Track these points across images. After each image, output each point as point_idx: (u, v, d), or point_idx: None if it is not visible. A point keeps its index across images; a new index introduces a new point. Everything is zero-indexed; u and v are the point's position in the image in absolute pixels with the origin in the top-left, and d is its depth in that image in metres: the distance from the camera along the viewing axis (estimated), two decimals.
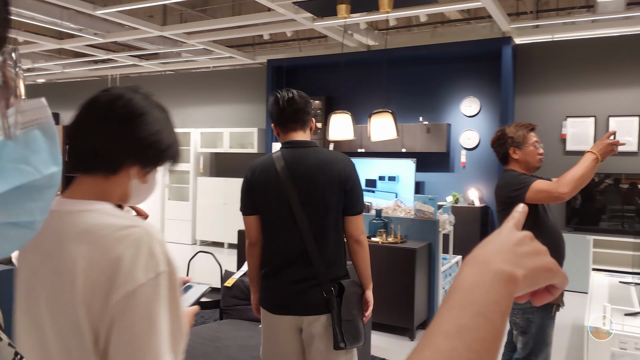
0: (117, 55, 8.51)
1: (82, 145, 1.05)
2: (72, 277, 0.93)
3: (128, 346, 0.92)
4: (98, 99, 1.08)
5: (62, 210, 0.99)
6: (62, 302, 0.95)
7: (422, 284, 4.70)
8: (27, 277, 1.03)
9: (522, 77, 7.02)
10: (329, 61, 7.74)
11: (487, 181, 7.21)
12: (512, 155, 2.69)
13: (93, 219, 0.98)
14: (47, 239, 0.98)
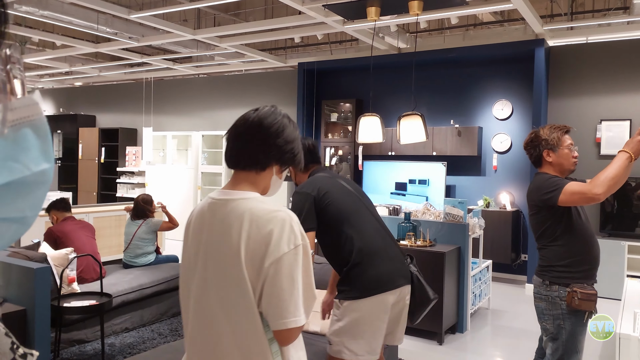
0: (152, 59, 8.70)
1: (241, 150, 1.45)
2: (237, 247, 1.33)
3: (275, 296, 1.31)
4: (250, 116, 1.47)
5: (227, 198, 1.41)
6: (230, 265, 1.34)
7: (451, 288, 4.66)
8: (197, 246, 1.43)
9: (555, 80, 6.89)
10: (359, 64, 7.75)
11: (519, 185, 7.08)
12: (545, 158, 2.63)
13: (250, 205, 1.38)
14: (218, 219, 1.39)
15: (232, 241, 1.35)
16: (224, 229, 1.37)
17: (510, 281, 6.95)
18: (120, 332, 4.34)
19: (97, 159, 10.90)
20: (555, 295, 2.56)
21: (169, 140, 9.75)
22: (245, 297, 1.33)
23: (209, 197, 1.49)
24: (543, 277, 2.63)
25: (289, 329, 1.33)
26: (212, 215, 1.42)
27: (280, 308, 1.32)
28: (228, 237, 1.36)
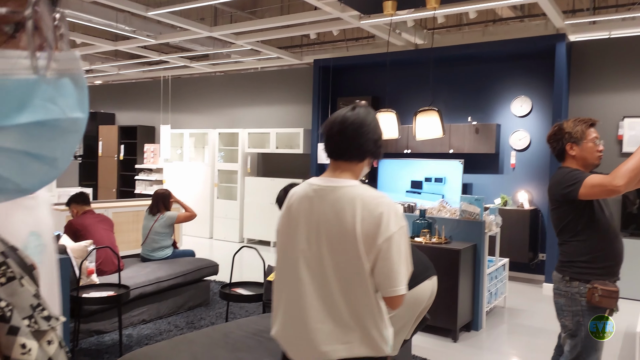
0: (169, 57, 8.79)
1: (346, 144, 1.68)
2: (353, 227, 1.58)
3: (388, 268, 1.58)
4: (350, 116, 1.70)
5: (335, 185, 1.65)
6: (347, 242, 1.59)
7: (466, 286, 4.62)
8: (307, 226, 1.67)
9: (576, 76, 6.78)
10: (375, 60, 7.72)
11: (537, 183, 7.00)
12: (568, 152, 2.58)
13: (358, 191, 1.63)
14: (329, 203, 1.64)
15: (347, 222, 1.59)
16: (337, 211, 1.62)
17: (528, 280, 6.87)
18: (137, 323, 4.40)
19: (117, 156, 11.05)
20: (575, 291, 2.52)
21: (186, 138, 9.83)
22: (360, 269, 1.59)
23: (310, 184, 1.72)
24: (563, 272, 2.58)
25: (398, 296, 1.61)
26: (321, 200, 1.66)
27: (391, 278, 1.59)
28: (343, 218, 1.60)
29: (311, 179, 1.75)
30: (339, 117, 1.72)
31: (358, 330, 1.62)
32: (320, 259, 1.64)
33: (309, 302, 1.65)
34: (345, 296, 1.62)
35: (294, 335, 1.70)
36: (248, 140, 9.26)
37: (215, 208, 9.51)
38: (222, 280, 5.71)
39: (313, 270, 1.65)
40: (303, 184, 1.76)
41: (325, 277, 1.63)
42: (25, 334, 0.44)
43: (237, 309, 4.98)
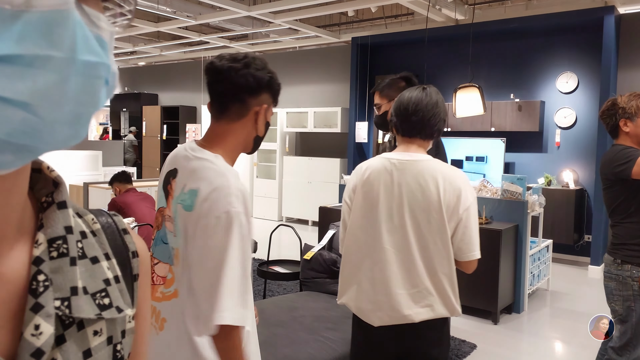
0: (209, 37, 8.85)
1: (420, 123, 1.80)
2: (438, 198, 1.73)
3: (468, 235, 1.75)
4: (423, 97, 1.81)
5: (414, 159, 1.79)
6: (432, 211, 1.74)
7: (507, 267, 4.53)
8: (389, 197, 1.78)
9: (625, 50, 6.45)
10: (414, 37, 7.55)
11: (584, 162, 6.74)
12: (622, 128, 2.45)
13: (437, 165, 1.78)
14: (411, 175, 1.76)
15: (432, 193, 1.73)
16: (421, 183, 1.75)
17: (572, 262, 6.68)
18: None
19: (159, 136, 11.29)
20: (627, 275, 2.42)
21: None
22: (444, 236, 1.74)
23: (386, 158, 1.83)
24: (615, 255, 2.47)
25: (474, 260, 1.79)
26: (403, 173, 1.78)
27: (470, 244, 1.76)
28: (427, 190, 1.74)
29: (385, 154, 1.88)
30: (413, 97, 1.81)
31: (436, 294, 1.76)
32: (404, 228, 1.76)
33: (392, 269, 1.76)
34: (427, 263, 1.75)
35: (375, 301, 1.79)
36: (286, 119, 9.28)
37: (255, 187, 9.62)
38: (260, 258, 5.79)
39: (396, 240, 1.77)
40: (376, 159, 1.87)
41: (409, 246, 1.76)
42: (46, 315, 0.42)
43: (274, 287, 5.04)
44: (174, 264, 1.34)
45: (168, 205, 1.37)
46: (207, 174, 1.28)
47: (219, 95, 1.37)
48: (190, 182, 1.30)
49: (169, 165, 1.41)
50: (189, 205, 1.27)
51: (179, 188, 1.32)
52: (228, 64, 1.34)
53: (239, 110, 1.37)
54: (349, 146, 8.37)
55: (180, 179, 1.34)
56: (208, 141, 1.39)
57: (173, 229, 1.35)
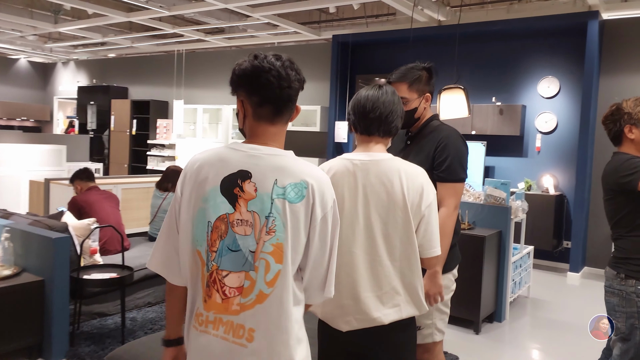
0: (183, 30, 8.51)
1: (378, 121, 1.80)
2: (402, 196, 1.72)
3: (430, 232, 1.77)
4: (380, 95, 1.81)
5: (376, 159, 1.77)
6: (397, 209, 1.73)
7: (490, 275, 4.37)
8: (354, 198, 1.76)
9: (608, 56, 6.40)
10: (396, 37, 7.38)
11: (564, 168, 6.66)
12: (627, 135, 2.30)
13: (399, 163, 1.78)
14: (374, 175, 1.75)
15: (396, 192, 1.73)
16: (385, 183, 1.74)
17: (551, 269, 6.59)
18: (142, 306, 4.23)
19: (129, 131, 10.87)
20: (631, 290, 2.26)
21: (199, 114, 9.61)
22: (410, 234, 1.75)
23: (348, 159, 1.81)
24: (618, 269, 2.31)
25: (436, 256, 1.81)
26: (366, 173, 1.76)
27: (431, 240, 1.78)
28: (391, 189, 1.73)
29: (346, 154, 1.84)
30: (370, 95, 1.81)
31: (404, 293, 1.76)
32: (370, 229, 1.74)
33: (359, 272, 1.74)
34: (394, 262, 1.75)
35: (342, 306, 1.76)
36: None
37: None
38: None
39: (363, 242, 1.75)
40: (337, 160, 1.84)
41: (376, 247, 1.74)
42: None
43: None
44: (253, 268, 1.32)
45: (237, 209, 1.33)
46: (302, 167, 1.37)
47: (278, 100, 1.39)
48: (284, 177, 1.34)
49: (224, 169, 1.36)
50: (296, 197, 1.33)
51: (267, 185, 1.33)
52: (288, 70, 1.40)
53: (289, 112, 1.44)
54: (329, 146, 8.16)
55: (262, 177, 1.34)
56: (263, 141, 1.40)
57: (255, 230, 1.33)
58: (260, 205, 1.33)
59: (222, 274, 1.34)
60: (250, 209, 1.33)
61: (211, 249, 1.34)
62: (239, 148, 1.38)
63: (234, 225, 1.34)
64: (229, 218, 1.34)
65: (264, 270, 1.32)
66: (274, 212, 1.32)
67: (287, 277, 1.33)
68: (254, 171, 1.34)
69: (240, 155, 1.36)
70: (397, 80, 2.25)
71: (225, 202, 1.34)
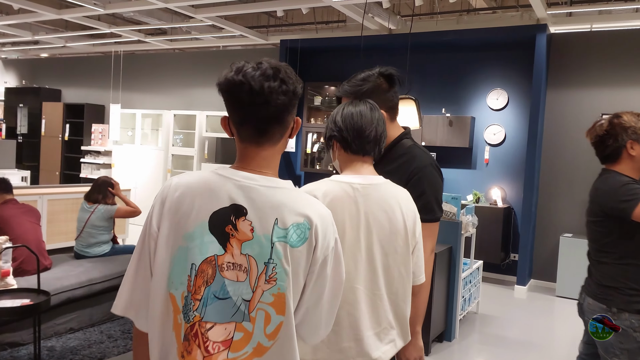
0: (120, 29, 8.01)
1: (374, 140, 1.63)
2: (403, 224, 1.60)
3: (420, 258, 1.68)
4: (366, 111, 1.63)
5: (376, 183, 1.60)
6: (397, 240, 1.59)
7: (440, 293, 4.20)
8: (356, 227, 1.54)
9: (555, 70, 6.45)
10: (347, 44, 7.20)
11: (511, 180, 6.65)
12: (628, 151, 2.11)
13: (394, 187, 1.64)
14: (374, 201, 1.57)
15: (398, 220, 1.58)
16: (386, 210, 1.58)
17: (499, 282, 6.54)
18: (64, 333, 3.78)
19: (61, 136, 10.17)
20: (627, 325, 2.04)
21: (138, 119, 9.08)
22: (407, 263, 1.62)
23: (347, 183, 1.57)
24: (607, 302, 2.09)
25: (424, 283, 1.72)
26: (367, 199, 1.57)
27: (421, 267, 1.68)
28: (393, 217, 1.58)
29: (336, 177, 1.62)
30: (363, 112, 1.62)
31: (397, 326, 1.64)
32: (372, 262, 1.58)
33: (361, 309, 1.57)
34: (391, 295, 1.61)
35: (342, 349, 1.57)
36: (206, 123, 8.60)
37: None
38: None
39: (364, 275, 1.58)
40: (332, 183, 1.59)
41: (377, 280, 1.59)
42: None
43: None
44: (248, 319, 1.15)
45: (229, 250, 1.14)
46: (303, 202, 1.21)
47: (259, 120, 1.19)
48: (285, 216, 1.16)
49: (213, 201, 1.16)
50: (299, 240, 1.17)
51: (267, 226, 1.15)
52: (266, 83, 1.17)
53: (280, 131, 1.23)
54: None
55: (260, 215, 1.16)
56: (257, 167, 1.23)
57: (250, 276, 1.15)
58: (259, 249, 1.15)
59: (205, 327, 1.15)
60: (245, 251, 1.15)
61: (194, 297, 1.15)
62: (230, 175, 1.19)
63: (224, 270, 1.15)
64: (217, 260, 1.15)
65: (263, 322, 1.15)
66: (275, 257, 1.15)
67: (290, 328, 1.18)
68: (250, 207, 1.16)
69: (231, 185, 1.17)
70: (349, 95, 1.87)
71: (215, 241, 1.15)
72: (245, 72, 1.17)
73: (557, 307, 5.73)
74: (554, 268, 6.18)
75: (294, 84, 1.22)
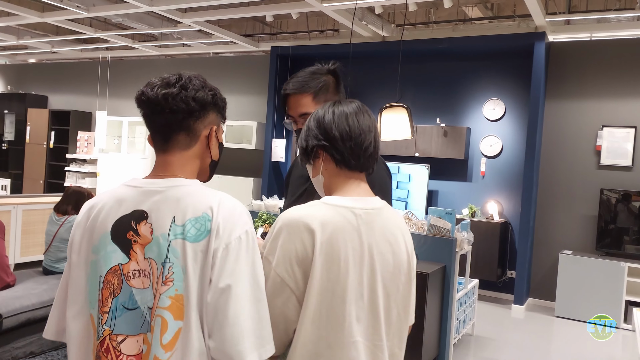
0: (107, 34, 7.77)
1: (375, 153, 1.37)
2: (408, 258, 1.33)
3: (413, 290, 1.40)
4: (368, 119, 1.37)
5: (378, 206, 1.30)
6: (400, 277, 1.31)
7: (433, 314, 3.92)
8: (359, 264, 1.22)
9: (553, 80, 6.22)
10: (339, 51, 6.97)
11: (508, 194, 6.40)
12: None
13: (392, 211, 1.38)
14: (377, 231, 1.26)
15: (402, 253, 1.32)
16: (391, 241, 1.30)
17: (495, 300, 6.26)
18: (23, 357, 3.48)
19: (46, 143, 9.89)
20: None
21: (125, 127, 8.83)
22: (407, 303, 1.35)
23: (343, 207, 1.25)
24: None
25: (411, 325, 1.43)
26: (370, 229, 1.26)
27: (413, 306, 1.40)
28: (397, 249, 1.31)
29: (337, 199, 1.27)
30: (361, 120, 1.33)
31: None
32: (375, 307, 1.27)
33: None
34: (388, 342, 1.31)
35: None
36: None
37: None
38: None
39: (366, 324, 1.26)
40: (328, 209, 1.24)
41: (378, 329, 1.28)
42: None
43: None
44: (149, 327, 1.09)
45: (132, 257, 1.12)
46: (207, 197, 1.14)
47: (160, 127, 1.20)
48: (184, 212, 1.11)
49: (117, 210, 1.15)
50: (198, 234, 1.10)
51: (165, 224, 1.11)
52: (162, 90, 1.18)
53: (186, 139, 1.21)
54: (265, 165, 7.60)
55: (159, 215, 1.12)
56: (163, 171, 1.20)
57: (152, 281, 1.10)
58: (157, 250, 1.11)
59: (117, 340, 1.11)
60: (147, 255, 1.13)
61: (102, 310, 1.13)
62: (136, 184, 1.18)
63: (130, 278, 1.13)
64: (122, 269, 1.14)
65: (159, 330, 1.08)
66: (171, 256, 1.11)
67: (189, 336, 1.07)
68: (151, 209, 1.14)
69: (136, 193, 1.16)
70: (297, 91, 1.74)
71: (117, 250, 1.14)
72: (149, 83, 1.21)
73: (556, 328, 5.45)
74: (552, 286, 5.91)
75: (197, 90, 1.20)
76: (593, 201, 5.90)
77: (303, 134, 1.37)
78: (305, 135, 1.36)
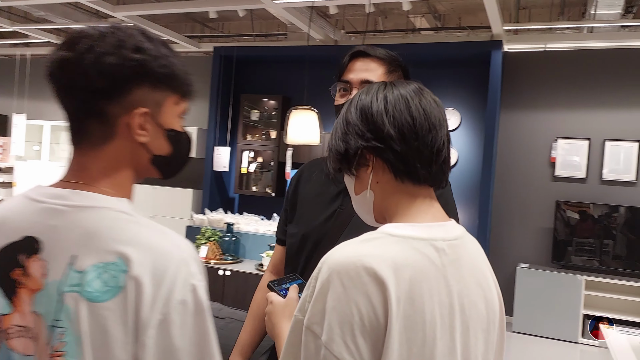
0: (26, 28, 6.96)
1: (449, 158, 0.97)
2: (500, 304, 0.95)
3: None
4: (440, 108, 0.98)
5: (461, 234, 0.91)
6: (494, 329, 0.93)
7: None
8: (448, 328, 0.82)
9: (508, 90, 6.12)
10: (288, 54, 6.58)
11: (465, 206, 6.20)
12: None
13: (474, 240, 0.98)
14: (467, 271, 0.88)
15: (494, 298, 0.93)
16: (481, 283, 0.90)
17: None
18: None
19: None
20: None
21: (46, 132, 8.05)
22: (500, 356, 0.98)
23: (420, 240, 0.82)
24: None
25: None
26: (457, 268, 0.86)
27: None
28: (489, 292, 0.92)
29: (410, 229, 0.85)
30: (433, 112, 0.90)
31: None
32: None
33: None
34: None
35: None
36: None
37: None
38: None
39: None
40: (404, 245, 0.81)
41: None
42: None
43: None
44: None
45: (17, 307, 0.77)
46: (123, 230, 0.78)
47: (65, 111, 0.86)
48: (87, 251, 0.75)
49: (9, 236, 0.80)
50: (103, 290, 0.73)
51: (59, 266, 0.75)
52: (59, 53, 0.82)
53: (99, 129, 0.83)
54: (206, 175, 7.03)
55: (55, 249, 0.77)
56: (75, 177, 0.84)
57: (39, 346, 0.75)
58: (47, 305, 0.76)
59: None
60: (35, 308, 0.77)
61: None
62: (37, 196, 0.83)
63: (10, 337, 0.78)
64: (3, 323, 0.79)
65: None
66: (64, 317, 0.74)
67: None
68: (49, 239, 0.78)
69: (32, 210, 0.82)
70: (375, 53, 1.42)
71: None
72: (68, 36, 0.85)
73: (515, 344, 5.26)
74: (510, 301, 5.74)
75: (105, 55, 0.80)
76: (548, 213, 5.81)
77: (337, 130, 0.93)
78: (341, 133, 0.91)
